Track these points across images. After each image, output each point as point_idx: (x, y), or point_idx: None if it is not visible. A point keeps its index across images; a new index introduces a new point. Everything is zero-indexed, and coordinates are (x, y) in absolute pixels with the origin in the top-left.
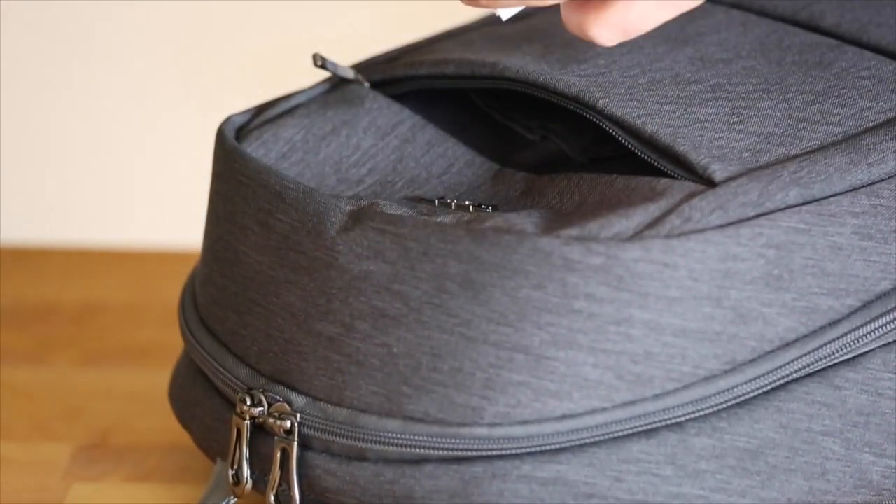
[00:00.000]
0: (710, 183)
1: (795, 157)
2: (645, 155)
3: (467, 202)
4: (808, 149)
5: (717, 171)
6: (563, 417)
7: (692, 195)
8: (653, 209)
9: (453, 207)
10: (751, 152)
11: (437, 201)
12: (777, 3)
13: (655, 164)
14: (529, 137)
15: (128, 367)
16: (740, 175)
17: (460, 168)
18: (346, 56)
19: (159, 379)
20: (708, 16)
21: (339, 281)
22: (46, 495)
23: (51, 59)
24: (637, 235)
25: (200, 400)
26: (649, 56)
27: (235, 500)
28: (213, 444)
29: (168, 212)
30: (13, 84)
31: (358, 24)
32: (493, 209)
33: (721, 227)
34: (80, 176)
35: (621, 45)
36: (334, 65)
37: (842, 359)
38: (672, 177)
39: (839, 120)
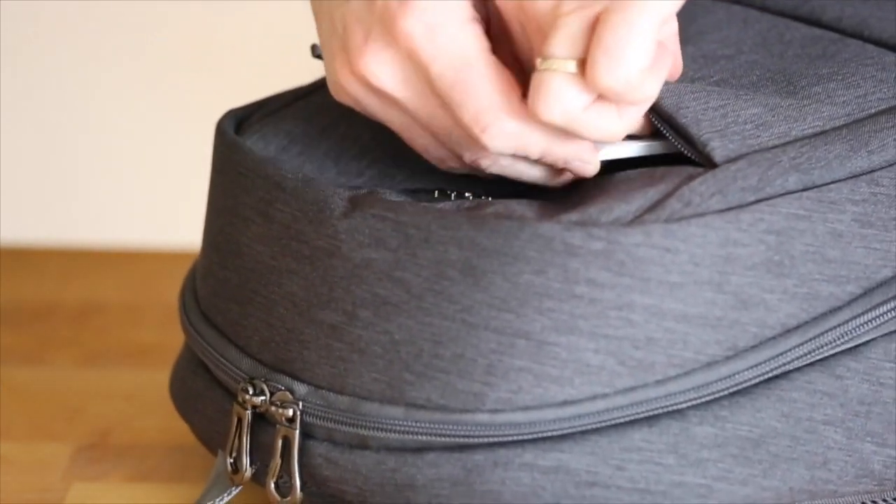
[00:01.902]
0: (710, 161)
1: (796, 140)
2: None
3: (467, 194)
4: (811, 130)
5: (717, 149)
6: (565, 403)
7: (691, 178)
8: (652, 193)
9: (452, 199)
10: (754, 124)
11: (436, 192)
12: None
13: (657, 123)
14: None
15: (128, 367)
16: (739, 158)
17: None
18: None
19: (159, 379)
20: (708, 13)
21: (342, 269)
22: (46, 495)
23: (51, 59)
24: (637, 220)
25: (201, 392)
26: None
27: (237, 490)
28: (214, 435)
29: (168, 212)
30: (13, 84)
31: None
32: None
33: (721, 211)
34: (80, 176)
35: None
36: None
37: (843, 347)
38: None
39: (843, 101)
